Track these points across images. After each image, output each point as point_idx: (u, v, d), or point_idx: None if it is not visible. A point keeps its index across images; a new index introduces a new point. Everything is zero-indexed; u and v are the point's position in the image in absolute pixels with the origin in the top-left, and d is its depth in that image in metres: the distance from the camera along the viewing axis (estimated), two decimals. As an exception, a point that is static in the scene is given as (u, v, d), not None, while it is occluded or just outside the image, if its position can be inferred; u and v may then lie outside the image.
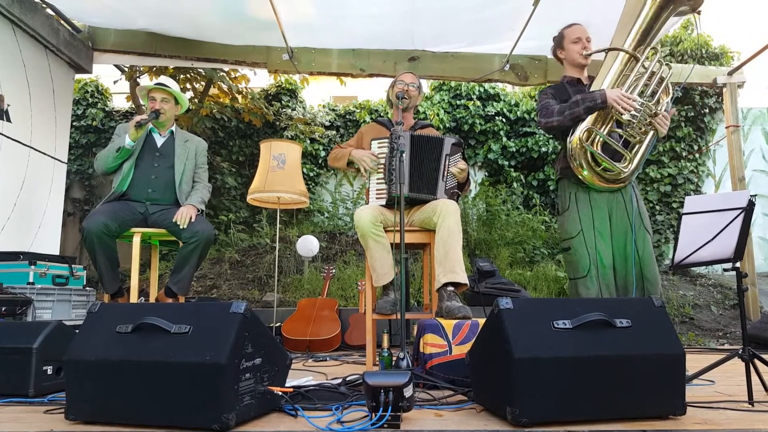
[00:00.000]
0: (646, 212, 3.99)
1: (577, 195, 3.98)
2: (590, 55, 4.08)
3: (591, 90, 3.90)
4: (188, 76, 8.89)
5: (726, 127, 7.66)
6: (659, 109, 3.81)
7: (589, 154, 3.83)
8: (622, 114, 3.75)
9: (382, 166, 4.14)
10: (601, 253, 3.85)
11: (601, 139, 3.82)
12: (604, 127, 3.85)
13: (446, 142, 4.14)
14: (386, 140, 4.15)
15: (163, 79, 4.88)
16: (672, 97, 3.92)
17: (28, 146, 5.76)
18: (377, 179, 4.18)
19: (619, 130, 3.84)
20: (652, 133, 3.84)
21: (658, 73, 3.86)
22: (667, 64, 3.90)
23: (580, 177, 3.88)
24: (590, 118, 3.85)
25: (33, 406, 2.72)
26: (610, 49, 3.97)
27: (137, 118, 4.49)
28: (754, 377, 2.81)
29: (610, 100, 3.72)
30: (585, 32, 4.13)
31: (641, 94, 3.84)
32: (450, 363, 3.19)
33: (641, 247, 3.84)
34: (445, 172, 4.12)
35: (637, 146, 3.85)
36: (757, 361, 2.88)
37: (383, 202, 4.10)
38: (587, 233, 3.89)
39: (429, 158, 4.10)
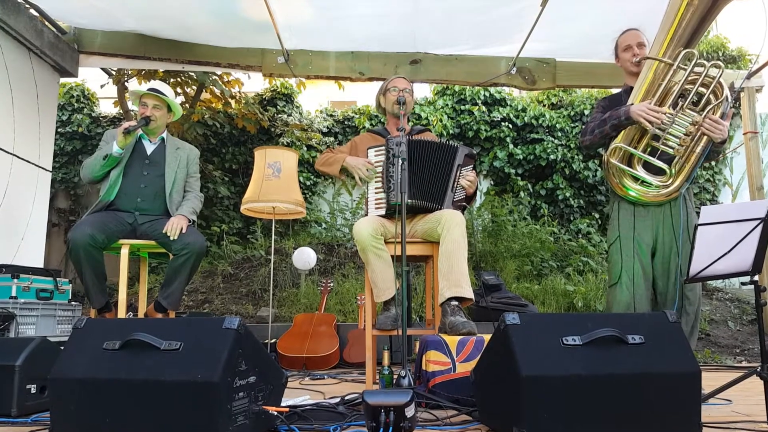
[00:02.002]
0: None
1: (621, 204, 4.00)
2: (641, 61, 4.04)
3: (617, 107, 3.91)
4: (179, 79, 8.90)
5: (744, 134, 7.65)
6: (708, 112, 3.73)
7: (623, 171, 3.85)
8: (651, 127, 3.72)
9: (380, 174, 4.15)
10: (638, 263, 3.85)
11: (645, 152, 3.82)
12: (642, 141, 3.86)
13: (460, 151, 4.15)
14: (383, 148, 4.16)
15: (157, 84, 4.89)
16: (724, 98, 3.78)
17: (11, 153, 5.76)
18: (376, 189, 4.19)
19: (655, 143, 3.81)
20: (705, 140, 3.76)
21: (702, 74, 3.78)
22: (714, 64, 3.79)
23: (625, 197, 3.91)
24: (623, 135, 3.88)
25: (16, 427, 2.72)
26: (646, 58, 3.94)
27: (125, 124, 4.48)
28: (774, 396, 2.81)
29: (634, 115, 3.73)
30: (637, 38, 4.11)
31: (676, 103, 3.79)
32: (454, 381, 3.19)
33: (685, 264, 3.79)
34: (455, 183, 4.12)
35: (680, 158, 3.79)
36: (776, 380, 2.88)
37: (382, 211, 4.10)
38: (624, 241, 3.91)
39: (437, 166, 4.11)
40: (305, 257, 7.42)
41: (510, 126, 10.52)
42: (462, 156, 4.15)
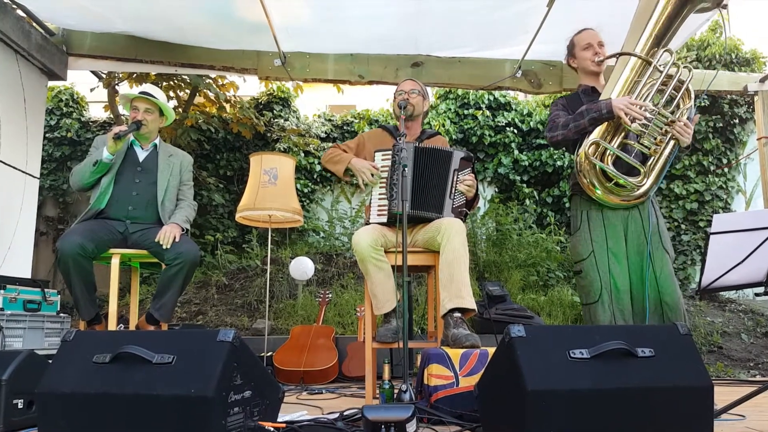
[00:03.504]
0: (666, 230, 3.96)
1: (589, 213, 3.97)
2: (603, 61, 4.09)
3: (598, 99, 3.91)
4: (171, 83, 8.91)
5: (758, 139, 7.66)
6: (678, 116, 3.78)
7: (598, 170, 3.83)
8: (630, 124, 3.73)
9: (384, 180, 4.16)
10: (615, 276, 3.83)
11: (613, 153, 3.83)
12: (615, 139, 3.84)
13: (455, 155, 4.15)
14: (389, 153, 4.16)
15: (148, 87, 4.90)
16: (694, 102, 3.89)
17: (-3, 160, 5.78)
18: (379, 194, 4.19)
19: (632, 142, 3.83)
20: (672, 143, 3.80)
21: (675, 76, 3.83)
22: (686, 67, 3.87)
23: (593, 197, 3.88)
24: (598, 131, 3.85)
25: (2, 444, 2.73)
26: (620, 54, 3.97)
27: (116, 129, 4.49)
28: (789, 412, 2.81)
29: (616, 109, 3.71)
30: (596, 37, 4.15)
31: (655, 100, 3.84)
32: (457, 396, 3.19)
33: (659, 268, 3.80)
34: (453, 189, 4.12)
35: (654, 159, 3.82)
36: (792, 394, 2.88)
37: (384, 219, 4.10)
38: (599, 255, 3.88)
39: (435, 173, 4.11)
40: (303, 267, 7.42)
41: (515, 131, 10.54)
42: (458, 160, 4.14)
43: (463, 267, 3.84)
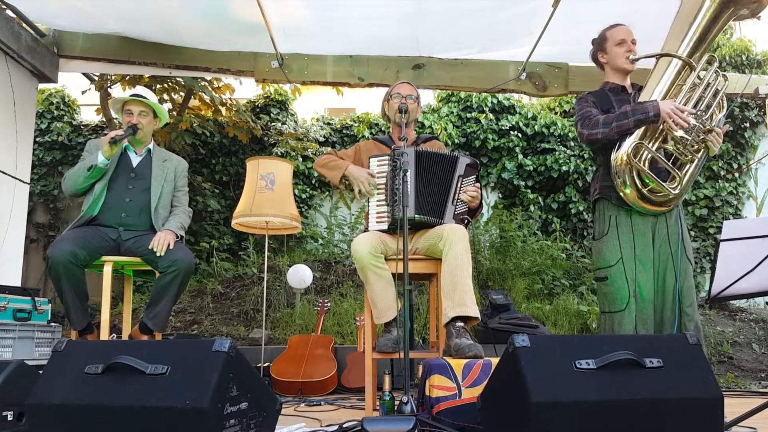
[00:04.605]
0: (689, 240, 3.97)
1: (618, 218, 3.97)
2: (637, 60, 4.07)
3: (640, 101, 3.91)
4: (166, 86, 8.92)
5: (769, 143, 7.68)
6: (713, 124, 3.79)
7: (635, 172, 3.83)
8: (675, 130, 3.74)
9: (383, 186, 4.16)
10: (642, 284, 3.84)
11: (649, 155, 3.83)
12: (653, 142, 3.86)
13: (460, 161, 4.16)
14: (386, 158, 4.17)
15: (138, 89, 4.90)
16: (726, 112, 3.90)
17: (-14, 165, 5.78)
18: (377, 201, 4.18)
19: (669, 147, 3.84)
20: (703, 150, 3.83)
21: (714, 84, 3.84)
22: (723, 75, 3.88)
23: (621, 195, 3.88)
24: (639, 132, 3.86)
25: (-10, 457, 2.73)
26: (662, 55, 3.96)
27: (112, 133, 4.49)
28: (802, 424, 2.81)
29: (663, 113, 3.72)
30: (631, 34, 4.14)
31: (695, 107, 3.83)
32: (459, 408, 3.19)
33: (682, 279, 3.82)
34: (456, 196, 4.13)
35: (687, 165, 3.84)
36: (804, 406, 2.88)
37: (384, 226, 4.10)
38: (627, 262, 3.88)
39: (438, 177, 4.12)
40: (300, 275, 7.42)
41: (519, 135, 10.54)
42: (463, 166, 4.16)
43: (466, 274, 3.84)
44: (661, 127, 3.80)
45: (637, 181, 3.84)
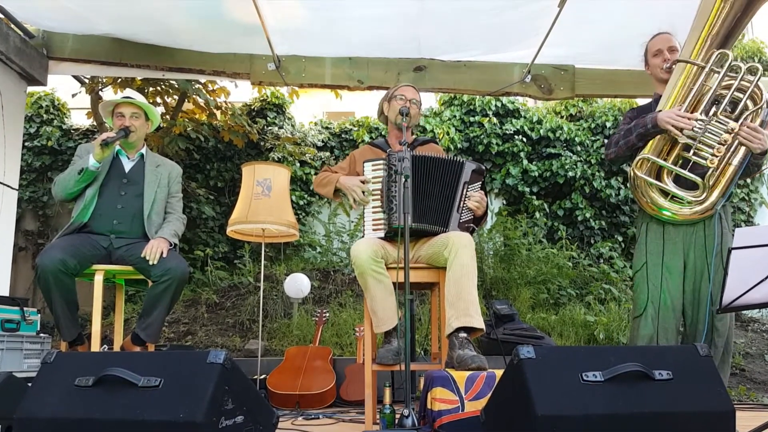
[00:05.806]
0: None
1: (650, 225, 4.01)
2: (671, 68, 4.05)
3: (643, 114, 3.92)
4: (159, 88, 8.90)
5: (782, 148, 7.67)
6: (743, 120, 3.73)
7: (653, 186, 3.85)
8: (679, 136, 3.72)
9: (378, 192, 4.16)
10: (667, 292, 3.85)
11: (672, 169, 3.83)
12: (672, 153, 3.85)
13: (466, 167, 4.14)
14: (381, 162, 4.16)
15: (129, 92, 4.90)
16: (764, 104, 3.77)
17: (-27, 170, 5.78)
18: (373, 208, 4.18)
19: (687, 154, 3.79)
20: (743, 151, 3.76)
21: (737, 79, 3.78)
22: (751, 68, 3.80)
23: (664, 219, 3.89)
24: (649, 145, 3.88)
25: (-23, 473, 2.72)
26: (677, 62, 3.97)
27: (104, 135, 4.47)
28: (816, 439, 2.81)
29: (661, 122, 3.73)
30: (667, 42, 4.15)
31: (711, 108, 3.79)
32: (462, 421, 3.19)
33: (717, 292, 3.74)
34: (461, 203, 4.12)
35: (717, 171, 3.78)
36: (819, 420, 2.88)
37: (381, 234, 4.10)
38: (652, 268, 3.91)
39: (441, 184, 4.11)
40: (298, 284, 7.42)
41: (524, 140, 10.54)
42: (469, 172, 4.14)
43: (472, 284, 3.82)
44: (673, 136, 3.78)
45: (658, 194, 3.85)
